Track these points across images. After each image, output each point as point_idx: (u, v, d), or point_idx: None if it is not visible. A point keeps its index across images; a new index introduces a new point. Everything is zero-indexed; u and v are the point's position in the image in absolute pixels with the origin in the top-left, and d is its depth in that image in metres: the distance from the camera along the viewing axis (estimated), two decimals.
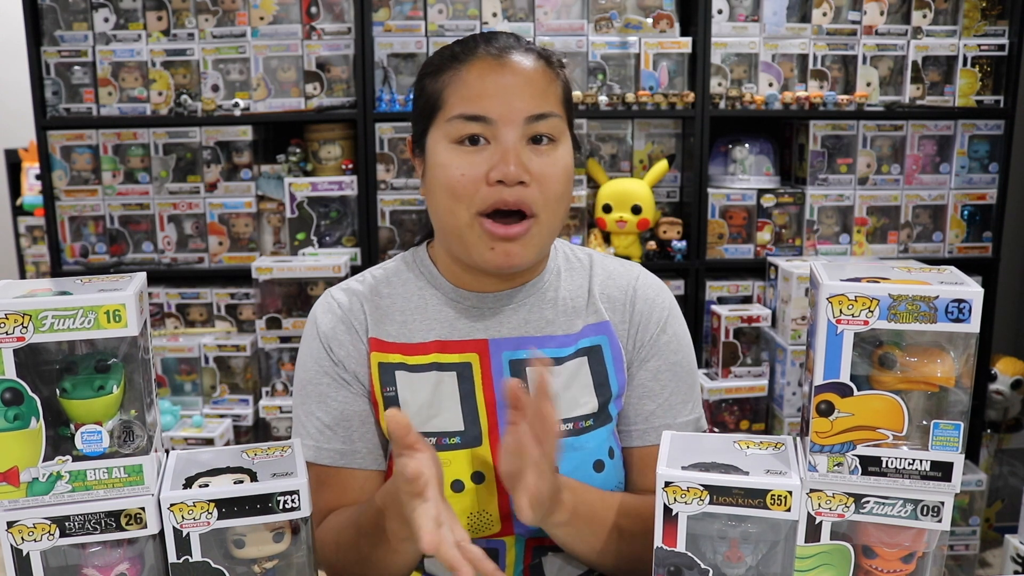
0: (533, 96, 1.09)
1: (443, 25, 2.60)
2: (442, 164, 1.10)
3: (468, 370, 1.16)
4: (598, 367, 1.18)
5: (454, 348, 1.17)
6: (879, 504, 0.90)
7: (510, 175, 1.07)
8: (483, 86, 1.09)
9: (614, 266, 1.26)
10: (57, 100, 2.64)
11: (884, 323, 0.85)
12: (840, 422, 0.88)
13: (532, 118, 1.09)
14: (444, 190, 1.10)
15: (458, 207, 1.09)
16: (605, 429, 1.17)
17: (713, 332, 2.63)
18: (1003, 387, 2.95)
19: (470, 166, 1.08)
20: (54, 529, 0.87)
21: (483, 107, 1.08)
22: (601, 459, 1.16)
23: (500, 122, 1.08)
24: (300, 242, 2.68)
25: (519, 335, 1.18)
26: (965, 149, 2.71)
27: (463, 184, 1.08)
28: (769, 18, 2.64)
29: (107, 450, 0.87)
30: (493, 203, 1.08)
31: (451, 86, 1.10)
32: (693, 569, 0.93)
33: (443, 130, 1.11)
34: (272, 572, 0.92)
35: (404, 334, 1.17)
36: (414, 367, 1.16)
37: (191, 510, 0.88)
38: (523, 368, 1.17)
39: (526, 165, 1.08)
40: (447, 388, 1.15)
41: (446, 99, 1.10)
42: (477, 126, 1.08)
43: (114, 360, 0.88)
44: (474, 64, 1.10)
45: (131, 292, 0.84)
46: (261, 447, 0.99)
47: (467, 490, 1.12)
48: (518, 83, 1.09)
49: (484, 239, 1.09)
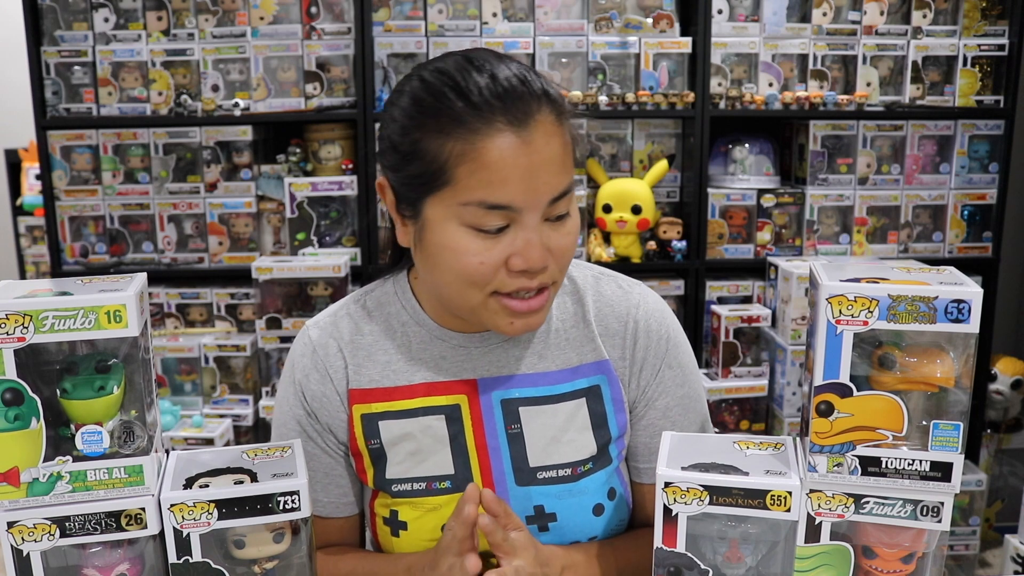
0: (556, 173, 0.99)
1: (443, 25, 2.60)
2: (453, 249, 0.99)
3: (457, 412, 1.11)
4: (596, 408, 1.13)
5: (441, 390, 1.11)
6: (879, 504, 0.90)
7: (536, 265, 0.99)
8: (506, 170, 0.95)
9: (610, 292, 1.17)
10: (57, 100, 2.64)
11: (884, 323, 0.85)
12: (840, 422, 0.88)
13: (555, 199, 0.99)
14: (455, 274, 1.00)
15: (471, 290, 1.01)
16: (604, 472, 1.13)
17: (713, 332, 2.64)
18: (1003, 387, 2.95)
19: (488, 253, 0.98)
20: (54, 529, 0.87)
21: (507, 195, 0.96)
22: (600, 503, 1.12)
23: (525, 209, 0.97)
24: (300, 242, 2.68)
25: (509, 373, 1.12)
26: (965, 149, 2.71)
27: (481, 272, 0.99)
28: (769, 18, 2.64)
29: (107, 450, 0.87)
30: (515, 289, 1.01)
31: (466, 163, 0.96)
32: (693, 569, 0.93)
33: (452, 211, 0.98)
34: (272, 572, 0.92)
35: (388, 376, 1.12)
36: (400, 412, 1.12)
37: (191, 510, 0.88)
38: (516, 408, 1.12)
39: (547, 246, 1.00)
40: (436, 431, 1.11)
41: (457, 176, 0.97)
42: (499, 215, 0.97)
43: (114, 360, 0.88)
44: (493, 137, 0.95)
45: (131, 292, 0.84)
46: (261, 447, 0.99)
47: None
48: (543, 159, 0.97)
49: (502, 314, 1.03)
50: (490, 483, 1.10)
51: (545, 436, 1.11)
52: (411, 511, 1.11)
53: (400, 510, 1.11)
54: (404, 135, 1.01)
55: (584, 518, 1.11)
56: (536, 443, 1.11)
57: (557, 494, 1.10)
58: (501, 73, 0.98)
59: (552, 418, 1.12)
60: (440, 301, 1.10)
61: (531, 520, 1.10)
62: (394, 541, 1.13)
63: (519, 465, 1.11)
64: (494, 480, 1.10)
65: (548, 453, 1.11)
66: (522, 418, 1.11)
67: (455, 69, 0.99)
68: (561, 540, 1.11)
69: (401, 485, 1.11)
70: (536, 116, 0.97)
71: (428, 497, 1.10)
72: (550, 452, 1.11)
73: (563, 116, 1.01)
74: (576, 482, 1.11)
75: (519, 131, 0.96)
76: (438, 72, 1.01)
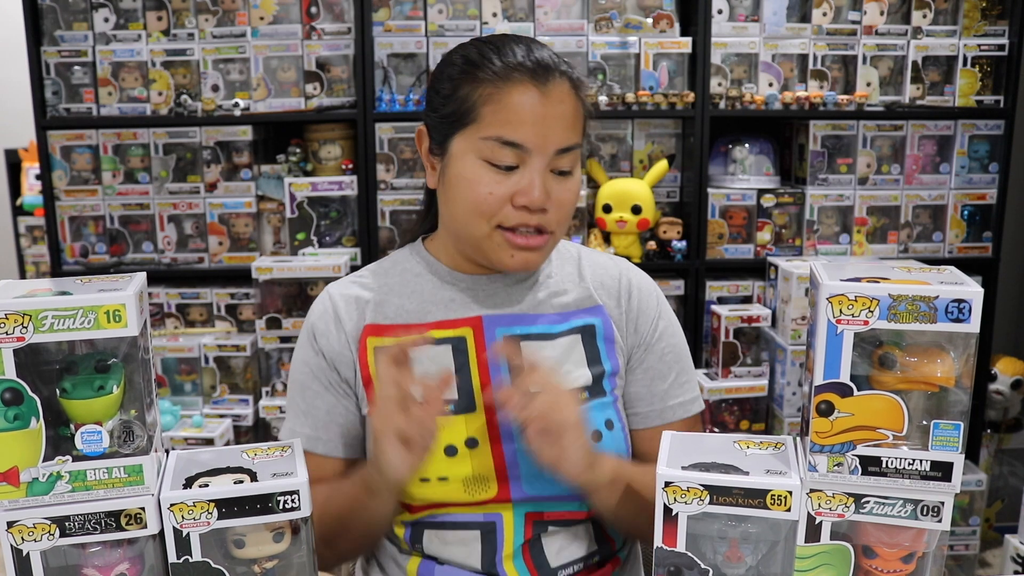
0: (565, 129, 1.14)
1: (443, 25, 2.60)
2: (469, 179, 1.14)
3: (463, 344, 1.20)
4: (591, 345, 1.23)
5: (449, 325, 1.21)
6: (879, 504, 0.90)
7: (536, 203, 1.13)
8: (524, 113, 1.12)
9: (601, 259, 1.32)
10: (57, 100, 2.64)
11: (884, 323, 0.85)
12: (840, 422, 0.88)
13: (561, 151, 1.14)
14: (468, 203, 1.15)
15: (479, 220, 1.15)
16: (600, 402, 1.20)
17: (713, 332, 2.64)
18: (1003, 387, 2.95)
19: (498, 186, 1.13)
20: (54, 529, 0.87)
21: (521, 134, 1.12)
22: (599, 430, 1.18)
23: (534, 151, 1.12)
24: (300, 242, 2.68)
25: (512, 312, 1.23)
26: (965, 149, 2.71)
27: (489, 203, 1.13)
28: (769, 18, 2.64)
29: (107, 450, 0.87)
30: (516, 224, 1.14)
31: (490, 103, 1.12)
32: (693, 569, 0.93)
33: (474, 144, 1.14)
34: (272, 572, 0.92)
35: (401, 316, 1.22)
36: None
37: (191, 510, 0.88)
38: (517, 343, 1.21)
39: (549, 193, 1.14)
40: (442, 360, 1.19)
41: (482, 115, 1.13)
42: (511, 152, 1.12)
43: (114, 360, 0.88)
44: (517, 86, 1.12)
45: (131, 292, 0.84)
46: (261, 447, 0.99)
47: (460, 455, 1.15)
48: (556, 112, 1.13)
49: (504, 247, 1.16)
50: (492, 406, 1.17)
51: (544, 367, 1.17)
52: None
53: None
54: (448, 82, 1.17)
55: None
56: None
57: None
58: (536, 48, 1.16)
59: (550, 351, 1.21)
60: (453, 238, 1.22)
61: None
62: None
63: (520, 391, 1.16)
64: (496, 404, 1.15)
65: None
66: (523, 352, 1.18)
67: (501, 40, 1.18)
68: None
69: None
70: (555, 79, 1.14)
71: None
72: None
73: (580, 90, 1.17)
74: None
75: (539, 85, 1.12)
76: (486, 41, 1.19)
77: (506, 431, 1.16)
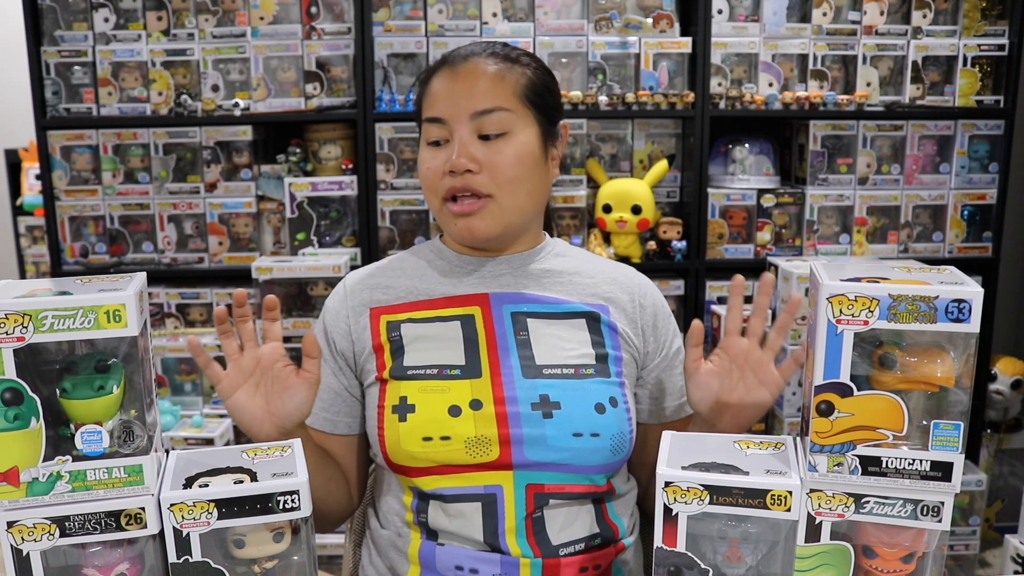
0: (478, 95, 1.24)
1: (443, 25, 2.60)
2: (420, 161, 1.29)
3: (471, 320, 1.27)
4: (596, 330, 1.28)
5: (458, 302, 1.29)
6: (879, 504, 0.90)
7: (457, 165, 1.22)
8: (440, 91, 1.26)
9: (611, 267, 1.38)
10: (57, 100, 2.64)
11: (884, 323, 0.85)
12: (840, 422, 0.88)
13: (477, 114, 1.23)
14: (422, 182, 1.29)
15: (431, 195, 1.28)
16: (605, 380, 1.24)
17: (713, 332, 2.63)
18: (1003, 387, 2.95)
19: (434, 160, 1.26)
20: (54, 529, 0.87)
21: (438, 109, 1.26)
22: (602, 403, 1.22)
23: (451, 121, 1.24)
24: (300, 242, 2.68)
25: (519, 291, 1.30)
26: (965, 149, 2.71)
27: (430, 176, 1.26)
28: (769, 18, 2.64)
29: (107, 450, 0.87)
30: (448, 190, 1.24)
31: (425, 95, 1.29)
32: (693, 569, 0.93)
33: (423, 131, 1.29)
34: (272, 572, 0.92)
35: (412, 294, 1.31)
36: (420, 319, 1.28)
37: (191, 510, 0.88)
38: (524, 319, 1.27)
39: (473, 155, 1.23)
40: (451, 333, 1.26)
41: (423, 106, 1.30)
42: (436, 128, 1.26)
43: (114, 360, 0.88)
44: (439, 73, 1.28)
45: (131, 292, 0.84)
46: (261, 447, 0.99)
47: (464, 415, 1.19)
48: (467, 85, 1.25)
49: (451, 217, 1.26)
50: (498, 374, 1.22)
51: (550, 342, 1.25)
52: (420, 394, 1.21)
53: (409, 394, 1.22)
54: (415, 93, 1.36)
55: (586, 411, 1.20)
56: (541, 347, 1.25)
57: (561, 386, 1.22)
58: (475, 44, 1.31)
59: (555, 330, 1.27)
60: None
61: (536, 407, 1.19)
62: (400, 428, 1.20)
63: (526, 362, 1.24)
64: (502, 372, 1.22)
65: (553, 355, 1.24)
66: (529, 327, 1.27)
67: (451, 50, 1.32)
68: (564, 430, 1.18)
69: (415, 371, 1.24)
70: (473, 59, 1.27)
71: (438, 380, 1.22)
72: (555, 354, 1.25)
73: (509, 63, 1.27)
74: (579, 380, 1.23)
75: (453, 67, 1.27)
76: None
77: (510, 395, 1.20)
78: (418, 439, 1.18)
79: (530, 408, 1.19)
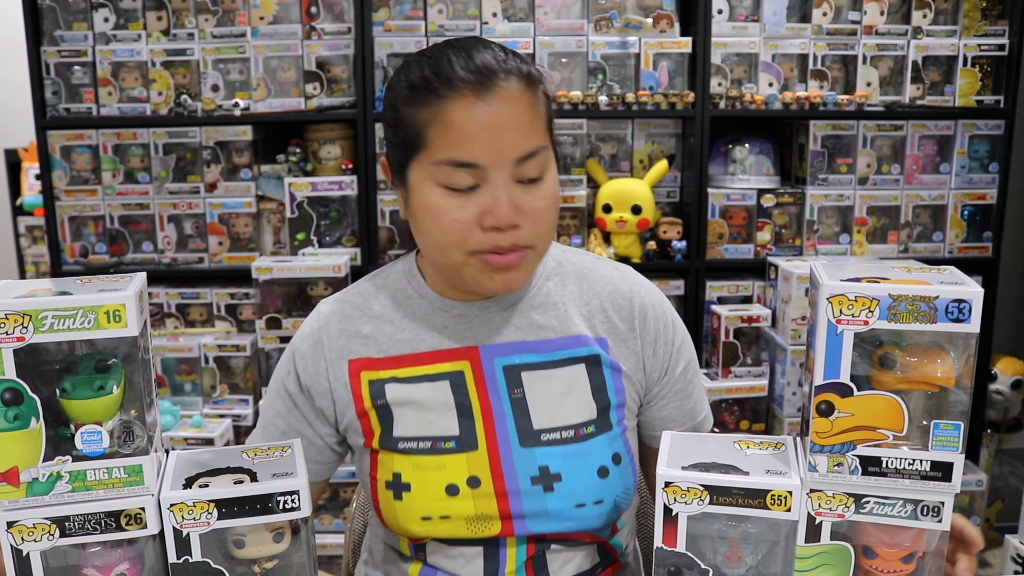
0: (521, 134, 1.05)
1: (443, 25, 2.60)
2: (431, 208, 1.06)
3: (461, 378, 1.15)
4: (596, 375, 1.17)
5: (445, 357, 1.16)
6: (879, 504, 0.90)
7: (504, 221, 1.04)
8: (469, 128, 1.03)
9: (610, 273, 1.24)
10: (57, 100, 2.64)
11: (884, 323, 0.85)
12: (840, 422, 0.88)
13: (522, 159, 1.05)
14: (436, 234, 1.07)
15: (451, 250, 1.07)
16: (607, 436, 1.15)
17: (713, 332, 2.63)
18: (1003, 387, 2.95)
19: (462, 211, 1.05)
20: (54, 529, 0.87)
21: (471, 153, 1.03)
22: (605, 465, 1.14)
23: (490, 167, 1.04)
24: (300, 242, 2.68)
25: (510, 340, 1.17)
26: (965, 149, 2.71)
27: (456, 229, 1.05)
28: (769, 18, 2.64)
29: (107, 450, 0.87)
30: (489, 248, 1.06)
31: (434, 125, 1.04)
32: (693, 569, 0.93)
33: (428, 171, 1.06)
34: (272, 572, 0.92)
35: (394, 346, 1.17)
36: (406, 378, 1.16)
37: (191, 510, 0.88)
38: (517, 374, 1.16)
39: (518, 207, 1.05)
40: (441, 396, 1.15)
41: (429, 139, 1.05)
42: (466, 173, 1.04)
43: (114, 360, 0.88)
44: (457, 100, 1.03)
45: (131, 292, 0.84)
46: (261, 447, 0.99)
47: (462, 494, 1.12)
48: (506, 120, 1.04)
49: (483, 271, 1.08)
50: (494, 445, 1.13)
51: (547, 399, 1.15)
52: (414, 471, 1.12)
53: (403, 471, 1.13)
54: (393, 109, 1.11)
55: (589, 479, 1.13)
56: (539, 406, 1.15)
57: (562, 455, 1.13)
58: (476, 53, 1.07)
59: (553, 382, 1.16)
60: (434, 267, 1.16)
61: (536, 481, 1.12)
62: (397, 506, 1.13)
63: (523, 428, 1.14)
64: (499, 442, 1.13)
65: (551, 415, 1.14)
66: (524, 383, 1.15)
67: (437, 51, 1.09)
68: (567, 501, 1.12)
69: (407, 443, 1.14)
70: (500, 83, 1.04)
71: (433, 456, 1.12)
72: (553, 414, 1.14)
73: (534, 86, 1.08)
74: (580, 443, 1.14)
75: (481, 94, 1.03)
76: (421, 54, 1.10)
77: (508, 470, 1.12)
78: (416, 518, 1.12)
79: (530, 483, 1.11)
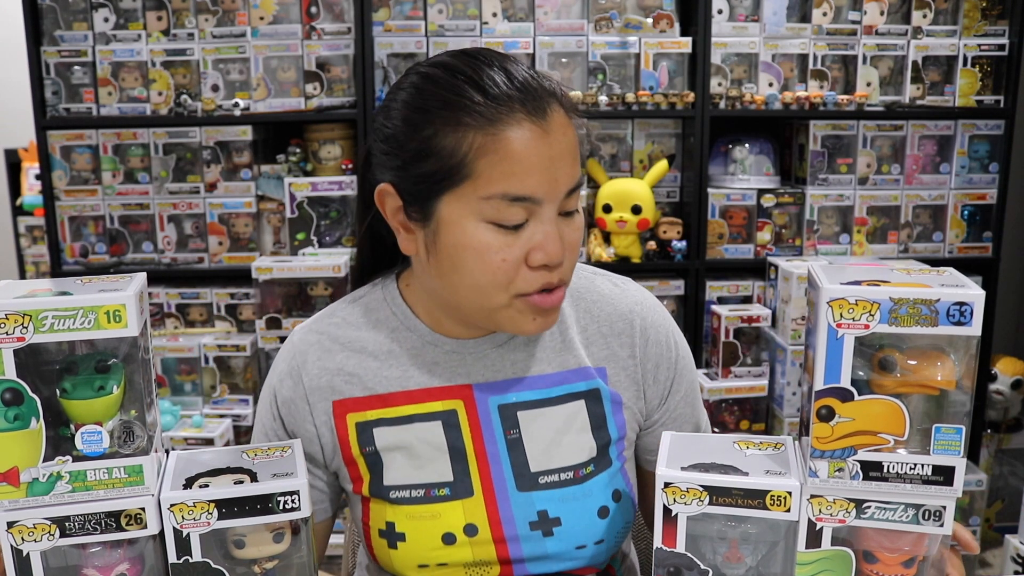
0: (572, 165, 0.99)
1: (443, 25, 2.60)
2: (474, 248, 0.97)
3: (453, 417, 1.09)
4: (596, 410, 1.12)
5: (436, 395, 1.09)
6: (880, 509, 0.89)
7: (555, 259, 0.98)
8: (530, 161, 0.94)
9: (608, 290, 1.17)
10: (57, 100, 2.64)
11: (885, 327, 0.84)
12: (841, 427, 0.88)
13: (570, 191, 0.99)
14: (479, 275, 0.98)
15: (495, 292, 0.99)
16: (607, 474, 1.11)
17: (713, 332, 2.63)
18: (1003, 387, 2.94)
19: (510, 249, 0.97)
20: (54, 529, 0.87)
21: (530, 187, 0.95)
22: (605, 505, 1.10)
23: (545, 200, 0.97)
24: (300, 242, 2.68)
25: (505, 378, 1.10)
26: (965, 149, 2.71)
27: (504, 271, 0.97)
28: (769, 18, 2.64)
29: (107, 450, 0.87)
30: (538, 287, 0.99)
31: (487, 155, 0.94)
32: (693, 570, 0.93)
33: (472, 206, 0.96)
34: (272, 572, 0.92)
35: (381, 383, 1.10)
36: (395, 420, 1.09)
37: (191, 510, 0.88)
38: (513, 413, 1.10)
39: (564, 241, 1.00)
40: (432, 439, 1.09)
41: (478, 169, 0.94)
42: (520, 208, 0.96)
43: (114, 360, 0.87)
44: (513, 127, 0.94)
45: (131, 292, 0.84)
46: (261, 447, 0.99)
47: (459, 543, 1.07)
48: (561, 150, 0.97)
49: (525, 313, 1.01)
50: (490, 490, 1.08)
51: (544, 439, 1.09)
52: (408, 521, 1.07)
53: (396, 520, 1.08)
54: (414, 133, 0.98)
55: (589, 521, 1.09)
56: (536, 447, 1.09)
57: (560, 498, 1.08)
58: (513, 69, 0.98)
59: (551, 421, 1.10)
60: (445, 306, 1.08)
61: (535, 526, 1.08)
62: (392, 554, 1.09)
63: (520, 471, 1.09)
64: (495, 487, 1.08)
65: (549, 457, 1.09)
66: (520, 423, 1.09)
67: (465, 64, 0.98)
68: (567, 545, 1.08)
69: (399, 492, 1.08)
70: (551, 109, 0.97)
71: (426, 505, 1.07)
72: (551, 456, 1.09)
73: (571, 113, 1.01)
74: (579, 485, 1.09)
75: (539, 122, 0.95)
76: (445, 68, 0.99)
77: (506, 515, 1.07)
78: (413, 566, 1.08)
79: (528, 528, 1.07)
